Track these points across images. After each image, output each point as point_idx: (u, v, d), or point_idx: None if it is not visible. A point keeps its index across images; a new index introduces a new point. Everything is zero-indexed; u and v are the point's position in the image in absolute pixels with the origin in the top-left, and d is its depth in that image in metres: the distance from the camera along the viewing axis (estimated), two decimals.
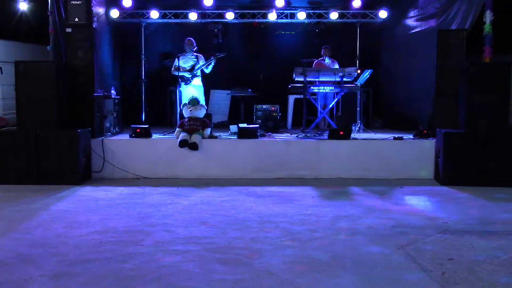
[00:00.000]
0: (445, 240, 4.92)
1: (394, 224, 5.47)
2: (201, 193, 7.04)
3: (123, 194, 6.87)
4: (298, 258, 4.38)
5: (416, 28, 10.47)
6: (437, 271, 4.06)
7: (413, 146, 8.25)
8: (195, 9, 10.97)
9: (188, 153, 8.13)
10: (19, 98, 7.54)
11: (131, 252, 4.47)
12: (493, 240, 4.90)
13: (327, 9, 11.19)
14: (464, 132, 7.62)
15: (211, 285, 3.78)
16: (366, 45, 11.61)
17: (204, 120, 8.49)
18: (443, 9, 9.54)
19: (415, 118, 10.33)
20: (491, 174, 7.48)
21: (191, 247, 4.64)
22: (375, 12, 11.05)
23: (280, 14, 11.17)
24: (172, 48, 11.94)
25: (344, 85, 9.24)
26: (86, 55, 8.17)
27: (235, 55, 11.69)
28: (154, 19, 11.11)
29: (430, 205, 6.44)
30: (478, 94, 7.56)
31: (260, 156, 8.17)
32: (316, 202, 6.52)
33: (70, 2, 8.20)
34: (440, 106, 8.46)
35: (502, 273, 4.05)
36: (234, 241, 4.83)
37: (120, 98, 9.46)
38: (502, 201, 6.62)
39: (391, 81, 11.61)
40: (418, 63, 10.18)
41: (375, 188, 7.37)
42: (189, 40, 9.65)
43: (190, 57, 9.56)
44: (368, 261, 4.31)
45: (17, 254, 4.39)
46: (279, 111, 10.22)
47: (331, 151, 8.19)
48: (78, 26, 8.18)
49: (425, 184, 7.71)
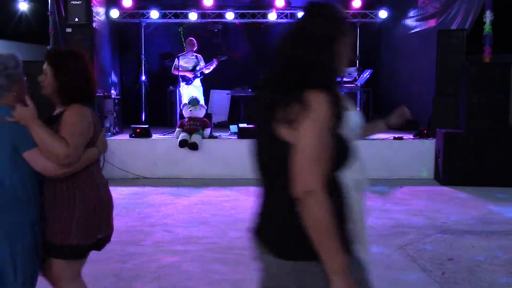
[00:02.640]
0: (445, 240, 4.92)
1: (394, 224, 5.47)
2: (201, 193, 7.04)
3: (123, 194, 6.87)
4: None
5: (416, 28, 10.46)
6: (437, 271, 4.06)
7: (413, 146, 8.25)
8: (195, 9, 10.97)
9: (188, 153, 8.13)
10: None
11: (131, 252, 4.47)
12: (493, 240, 4.90)
13: None
14: (464, 132, 7.62)
15: (211, 285, 3.78)
16: (366, 45, 11.60)
17: (204, 120, 8.49)
18: (443, 9, 9.54)
19: (415, 118, 10.31)
20: (491, 174, 7.48)
21: (191, 247, 4.63)
22: (375, 12, 11.05)
23: (280, 14, 11.16)
24: (172, 48, 11.94)
25: (344, 85, 9.23)
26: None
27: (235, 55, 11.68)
28: (154, 19, 11.10)
29: (430, 205, 6.44)
30: (478, 94, 7.56)
31: None
32: None
33: (70, 2, 8.21)
34: (440, 106, 8.46)
35: (502, 273, 4.05)
36: (234, 241, 4.83)
37: (120, 98, 9.46)
38: (502, 201, 6.62)
39: (391, 81, 11.61)
40: (418, 63, 10.18)
41: (375, 188, 7.37)
42: (190, 40, 9.65)
43: (190, 57, 9.56)
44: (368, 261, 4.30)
45: None
46: None
47: None
48: (78, 26, 8.18)
49: (425, 184, 7.71)
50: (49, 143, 2.35)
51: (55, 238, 2.48)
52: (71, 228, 2.46)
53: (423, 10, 10.28)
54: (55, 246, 2.48)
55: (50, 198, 2.48)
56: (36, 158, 2.35)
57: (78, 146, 2.42)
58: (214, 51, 9.80)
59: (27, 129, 2.35)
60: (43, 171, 2.39)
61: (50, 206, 2.48)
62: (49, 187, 2.48)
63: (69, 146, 2.37)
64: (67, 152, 2.36)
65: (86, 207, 2.49)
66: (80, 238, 2.48)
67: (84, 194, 2.50)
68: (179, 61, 9.38)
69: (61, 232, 2.46)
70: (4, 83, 2.42)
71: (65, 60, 2.58)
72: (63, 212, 2.46)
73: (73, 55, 2.61)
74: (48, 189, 2.49)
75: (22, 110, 2.38)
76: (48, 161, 2.35)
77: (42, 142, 2.35)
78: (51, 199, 2.48)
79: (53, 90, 2.56)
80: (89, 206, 2.51)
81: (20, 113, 2.37)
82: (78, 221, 2.47)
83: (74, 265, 2.57)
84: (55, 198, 2.48)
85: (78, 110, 2.51)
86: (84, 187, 2.51)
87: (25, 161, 2.36)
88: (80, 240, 2.48)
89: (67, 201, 2.47)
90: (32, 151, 2.35)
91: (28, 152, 2.35)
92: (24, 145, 2.35)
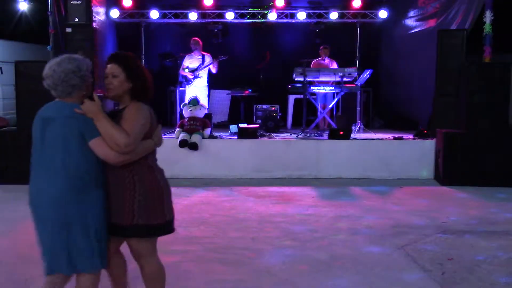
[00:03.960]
0: (445, 240, 4.92)
1: (394, 224, 5.47)
2: (201, 193, 7.04)
3: None
4: (298, 258, 4.38)
5: (416, 28, 10.46)
6: (437, 271, 4.06)
7: (413, 146, 8.25)
8: (195, 9, 10.97)
9: (188, 153, 8.13)
10: (19, 98, 7.55)
11: None
12: (493, 240, 4.90)
13: (327, 9, 11.19)
14: (464, 132, 7.62)
15: (211, 285, 3.78)
16: (366, 45, 11.61)
17: (204, 120, 8.49)
18: (443, 9, 9.54)
19: (415, 118, 10.33)
20: (491, 174, 7.48)
21: (191, 247, 4.63)
22: (375, 12, 11.05)
23: (280, 14, 11.17)
24: (172, 48, 11.94)
25: (344, 85, 9.24)
26: (86, 55, 8.11)
27: (235, 55, 11.68)
28: (154, 19, 11.10)
29: (430, 205, 6.44)
30: (478, 94, 7.56)
31: (260, 156, 8.17)
32: (316, 202, 6.52)
33: (70, 2, 8.21)
34: (440, 106, 8.45)
35: (502, 273, 4.06)
36: (234, 241, 4.83)
37: None
38: (502, 201, 6.62)
39: (391, 81, 11.61)
40: (418, 63, 10.17)
41: (375, 188, 7.37)
42: (194, 39, 9.63)
43: (196, 57, 9.55)
44: (368, 261, 4.31)
45: (17, 254, 4.39)
46: (279, 111, 10.21)
47: (331, 151, 8.18)
48: (78, 26, 8.18)
49: (425, 184, 7.71)
50: (112, 133, 2.75)
51: (121, 219, 2.85)
52: (134, 210, 2.85)
53: (423, 10, 10.28)
54: (123, 227, 2.86)
55: (114, 184, 2.86)
56: (99, 146, 2.75)
57: (136, 138, 2.81)
58: (214, 51, 9.78)
59: (93, 121, 2.76)
60: (105, 158, 2.78)
61: (115, 191, 2.86)
62: (113, 174, 2.85)
63: (129, 136, 2.76)
64: (127, 141, 2.75)
65: (145, 191, 2.87)
66: (143, 218, 2.86)
67: (143, 179, 2.88)
68: (185, 61, 9.41)
69: (126, 213, 2.85)
70: (77, 83, 2.83)
71: (136, 64, 2.99)
72: (126, 195, 2.85)
73: (137, 59, 3.04)
74: (113, 176, 2.86)
75: (90, 104, 2.80)
76: (110, 149, 2.75)
77: (106, 132, 2.75)
78: (115, 185, 2.86)
79: (123, 91, 2.93)
80: (148, 190, 2.88)
81: (88, 107, 2.78)
82: (139, 204, 2.85)
83: (146, 243, 2.95)
84: (118, 183, 2.86)
85: (138, 107, 2.90)
86: (142, 173, 2.89)
87: (90, 149, 2.76)
88: (144, 220, 2.86)
89: (129, 186, 2.85)
90: (96, 139, 2.75)
91: (93, 140, 2.75)
92: (90, 134, 2.75)
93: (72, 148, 2.74)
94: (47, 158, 2.76)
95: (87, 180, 2.77)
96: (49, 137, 2.76)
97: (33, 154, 2.82)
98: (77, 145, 2.74)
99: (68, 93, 2.83)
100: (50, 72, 2.82)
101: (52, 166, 2.74)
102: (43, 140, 2.78)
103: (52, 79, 2.82)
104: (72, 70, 2.82)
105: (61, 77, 2.80)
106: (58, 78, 2.80)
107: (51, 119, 2.77)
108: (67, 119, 2.76)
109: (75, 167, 2.74)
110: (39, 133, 2.79)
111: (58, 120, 2.76)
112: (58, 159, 2.73)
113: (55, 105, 2.85)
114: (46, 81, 2.84)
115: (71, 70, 2.81)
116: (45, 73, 2.84)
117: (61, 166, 2.73)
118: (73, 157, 2.74)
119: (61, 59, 2.85)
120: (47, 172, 2.75)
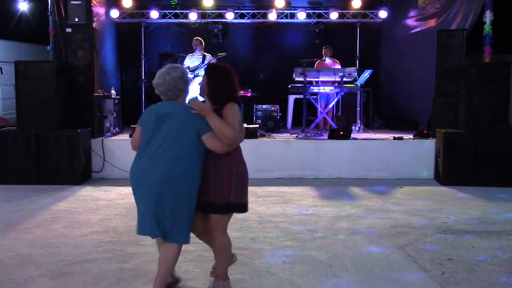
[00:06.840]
0: (445, 240, 4.92)
1: (394, 224, 5.47)
2: None
3: (123, 194, 6.86)
4: (298, 258, 4.38)
5: (416, 28, 10.47)
6: (437, 271, 4.06)
7: (413, 146, 8.25)
8: (195, 9, 10.97)
9: None
10: (19, 98, 7.54)
11: (131, 252, 4.47)
12: (493, 240, 4.90)
13: (327, 9, 11.20)
14: (464, 132, 7.62)
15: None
16: (366, 45, 11.61)
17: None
18: (443, 9, 9.54)
19: (415, 118, 10.33)
20: (491, 174, 7.48)
21: (191, 247, 4.63)
22: (375, 12, 11.06)
23: (280, 14, 11.17)
24: (172, 48, 11.94)
25: (344, 85, 9.24)
26: (86, 55, 8.15)
27: (235, 55, 11.67)
28: (154, 19, 11.11)
29: (430, 205, 6.43)
30: (478, 94, 7.56)
31: (260, 156, 8.17)
32: (316, 202, 6.52)
33: (70, 2, 8.20)
34: (440, 106, 8.45)
35: (502, 273, 4.06)
36: (234, 241, 4.81)
37: (120, 98, 9.45)
38: (502, 201, 6.61)
39: (391, 81, 11.61)
40: (418, 63, 10.18)
41: (375, 188, 7.37)
42: (197, 39, 9.63)
43: (198, 57, 9.55)
44: (368, 261, 4.31)
45: (17, 254, 4.39)
46: (279, 111, 10.21)
47: (331, 151, 8.18)
48: (78, 26, 8.18)
49: (425, 184, 7.71)
50: (223, 128, 3.33)
51: (218, 198, 3.41)
52: (231, 190, 3.43)
53: (423, 10, 10.28)
54: (217, 205, 3.42)
55: (214, 169, 3.42)
56: (211, 138, 3.35)
57: (239, 131, 3.41)
58: (214, 51, 9.78)
59: (205, 119, 3.33)
60: (213, 149, 3.36)
61: (215, 175, 3.42)
62: (214, 161, 3.42)
63: (235, 130, 3.36)
64: (235, 134, 3.36)
65: (238, 175, 3.47)
66: (235, 198, 3.45)
67: (237, 165, 3.48)
68: (186, 61, 9.43)
69: (224, 193, 3.42)
70: (183, 87, 3.46)
71: (214, 73, 3.58)
72: (225, 178, 3.42)
73: (220, 69, 3.64)
74: (213, 162, 3.42)
75: (202, 105, 3.39)
76: (218, 141, 3.34)
77: (218, 128, 3.33)
78: (215, 170, 3.42)
79: (205, 93, 3.55)
80: (240, 175, 3.48)
81: (201, 107, 3.36)
82: (235, 185, 3.44)
83: (227, 219, 3.56)
84: (218, 169, 3.42)
85: (234, 106, 3.46)
86: (237, 161, 3.49)
87: (201, 141, 3.35)
88: (235, 199, 3.45)
89: (227, 171, 3.43)
90: (208, 134, 3.34)
91: (206, 134, 3.34)
92: (204, 130, 3.34)
93: (186, 138, 3.33)
94: (159, 146, 3.32)
95: (194, 165, 3.34)
96: (165, 129, 3.33)
97: (143, 142, 3.38)
98: (191, 136, 3.33)
99: (176, 96, 3.44)
100: (161, 80, 3.40)
101: (165, 152, 3.30)
102: (157, 132, 3.34)
103: (163, 86, 3.40)
104: (179, 76, 3.42)
105: (171, 84, 3.39)
106: (169, 84, 3.39)
107: (169, 114, 3.37)
108: (185, 115, 3.35)
109: (184, 153, 3.31)
110: (153, 125, 3.36)
111: (176, 115, 3.36)
112: (171, 146, 3.31)
113: (171, 103, 3.44)
114: (157, 88, 3.43)
115: (178, 77, 3.41)
116: (156, 82, 3.42)
117: (174, 152, 3.30)
118: (185, 145, 3.32)
119: (167, 69, 3.43)
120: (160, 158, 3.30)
